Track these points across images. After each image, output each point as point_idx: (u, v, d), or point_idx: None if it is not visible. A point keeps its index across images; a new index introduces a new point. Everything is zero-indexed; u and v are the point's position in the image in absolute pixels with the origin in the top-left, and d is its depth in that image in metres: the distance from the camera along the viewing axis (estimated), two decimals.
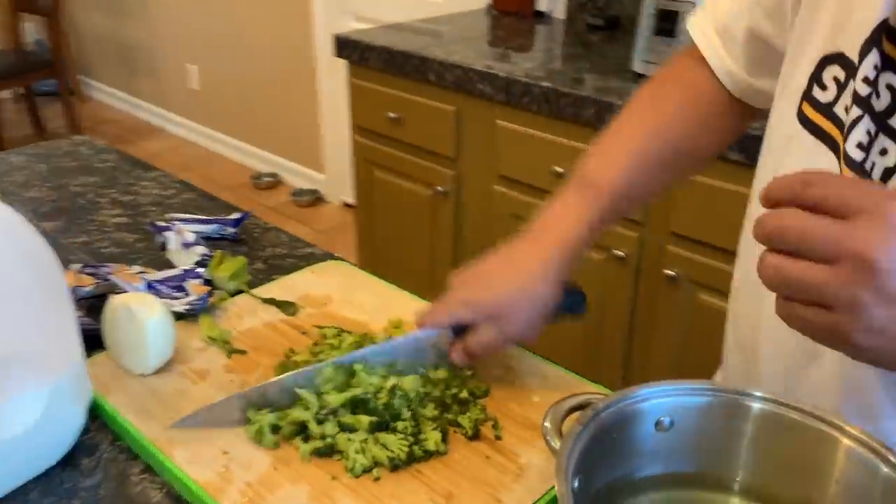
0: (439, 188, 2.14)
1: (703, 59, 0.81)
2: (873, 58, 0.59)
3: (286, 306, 0.91)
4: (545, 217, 0.78)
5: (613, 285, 1.83)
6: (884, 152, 0.59)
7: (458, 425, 0.72)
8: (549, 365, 0.82)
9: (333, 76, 3.32)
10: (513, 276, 0.75)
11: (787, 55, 0.71)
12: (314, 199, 3.62)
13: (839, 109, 0.63)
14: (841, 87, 0.63)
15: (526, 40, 2.31)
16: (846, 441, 0.55)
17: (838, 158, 0.63)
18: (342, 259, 1.04)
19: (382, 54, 2.14)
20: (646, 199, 0.84)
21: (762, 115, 0.83)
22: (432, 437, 0.69)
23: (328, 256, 1.06)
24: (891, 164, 0.59)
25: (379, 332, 0.85)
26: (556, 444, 0.59)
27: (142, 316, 0.78)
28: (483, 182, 2.05)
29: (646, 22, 1.79)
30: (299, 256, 1.07)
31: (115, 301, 0.79)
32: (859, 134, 0.60)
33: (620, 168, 0.79)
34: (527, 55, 2.18)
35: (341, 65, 2.35)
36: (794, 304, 0.46)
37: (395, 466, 0.67)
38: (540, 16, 2.48)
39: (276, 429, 0.71)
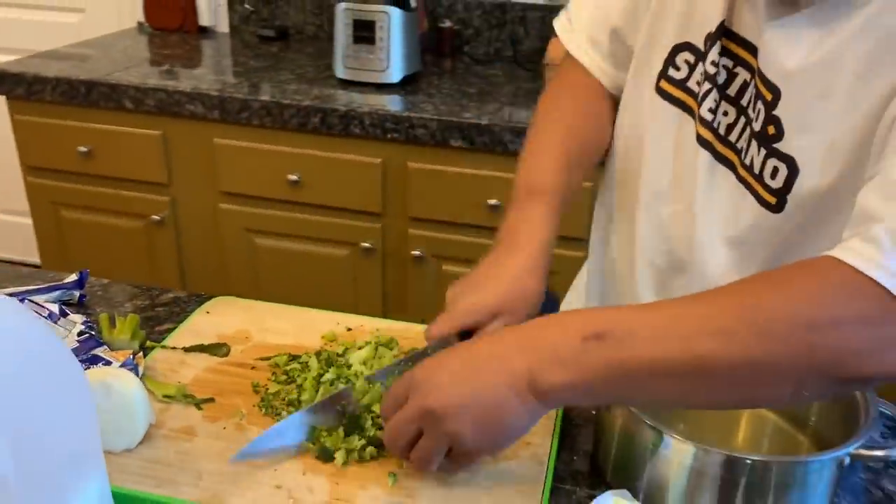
0: (154, 217, 2.06)
1: (582, 66, 1.00)
2: (717, 48, 0.84)
3: (217, 349, 0.91)
4: (514, 229, 0.89)
5: (365, 275, 1.98)
6: (725, 114, 0.86)
7: None
8: None
9: None
10: (506, 277, 0.84)
11: (640, 47, 0.94)
12: None
13: (691, 84, 0.88)
14: (691, 67, 0.88)
15: (198, 56, 2.31)
16: None
17: (694, 119, 0.88)
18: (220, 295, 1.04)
19: (60, 86, 1.98)
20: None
21: (511, 74, 1.06)
22: None
23: (195, 297, 1.05)
24: (731, 121, 0.85)
25: (317, 348, 0.91)
26: None
27: (123, 387, 0.74)
28: (205, 202, 2.03)
29: (343, 31, 1.94)
30: (166, 303, 1.04)
31: None
32: (709, 101, 0.86)
33: (554, 172, 0.94)
34: (211, 70, 2.19)
35: None
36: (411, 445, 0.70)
37: None
38: (203, 31, 2.47)
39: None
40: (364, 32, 1.93)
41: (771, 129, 0.79)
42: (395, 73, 1.96)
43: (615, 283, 1.03)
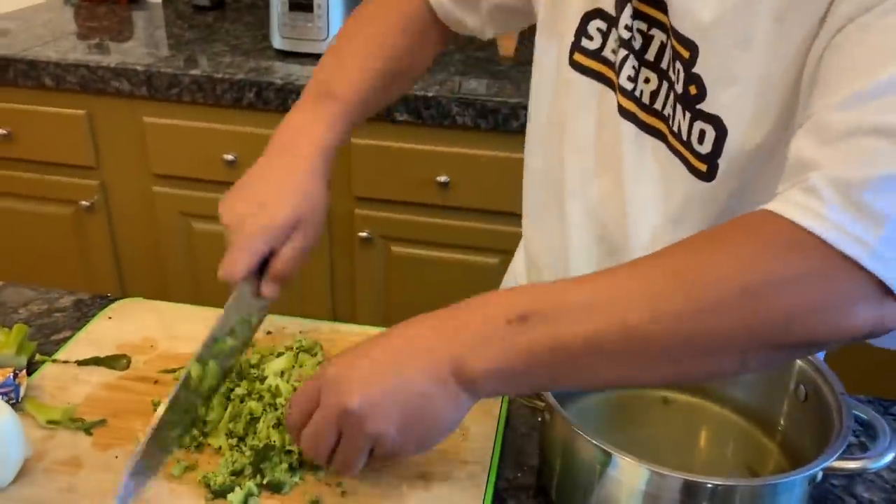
0: (83, 202, 1.92)
1: None
2: (629, 10, 0.76)
3: (115, 362, 0.80)
4: (292, 129, 0.82)
5: (311, 259, 1.87)
6: (647, 80, 0.77)
7: None
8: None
9: None
10: (288, 187, 0.77)
11: (544, 20, 0.85)
12: None
13: (607, 53, 0.80)
14: (605, 35, 0.80)
15: (129, 28, 2.16)
16: None
17: (614, 91, 0.79)
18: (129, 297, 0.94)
19: None
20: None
21: (454, 39, 0.99)
22: None
23: (101, 299, 0.94)
24: (654, 88, 0.77)
25: None
26: None
27: None
28: (138, 185, 1.90)
29: None
30: (67, 308, 0.93)
31: None
32: (628, 69, 0.77)
33: (357, 81, 0.86)
34: (143, 43, 2.04)
35: None
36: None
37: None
38: (134, 1, 2.31)
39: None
40: None
41: (693, 90, 0.71)
42: None
43: (548, 275, 0.94)
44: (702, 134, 0.72)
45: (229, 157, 1.79)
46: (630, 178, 0.79)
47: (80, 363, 0.80)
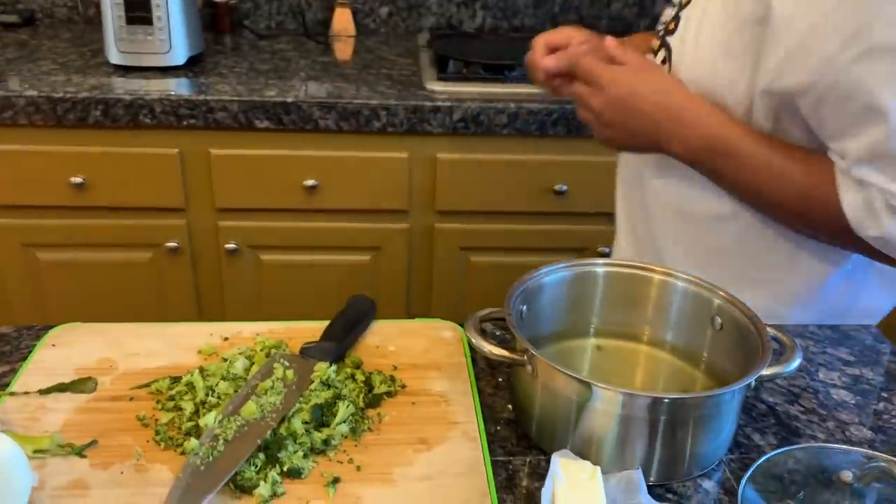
0: None
1: None
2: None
3: (82, 385, 0.78)
4: None
5: (173, 278, 1.82)
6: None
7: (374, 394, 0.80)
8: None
9: None
10: None
11: None
12: None
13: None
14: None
15: None
16: (656, 277, 0.86)
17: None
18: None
19: None
20: None
21: (298, 47, 1.13)
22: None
23: (27, 330, 0.90)
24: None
25: (197, 365, 0.82)
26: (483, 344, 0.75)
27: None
28: None
29: (113, 12, 1.75)
30: None
31: None
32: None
33: None
34: None
35: None
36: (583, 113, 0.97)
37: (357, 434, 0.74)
38: None
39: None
40: (139, 12, 1.75)
41: (672, 25, 0.98)
42: (179, 55, 1.80)
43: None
44: (662, 54, 1.00)
45: (77, 179, 1.70)
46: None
47: (43, 392, 0.78)
